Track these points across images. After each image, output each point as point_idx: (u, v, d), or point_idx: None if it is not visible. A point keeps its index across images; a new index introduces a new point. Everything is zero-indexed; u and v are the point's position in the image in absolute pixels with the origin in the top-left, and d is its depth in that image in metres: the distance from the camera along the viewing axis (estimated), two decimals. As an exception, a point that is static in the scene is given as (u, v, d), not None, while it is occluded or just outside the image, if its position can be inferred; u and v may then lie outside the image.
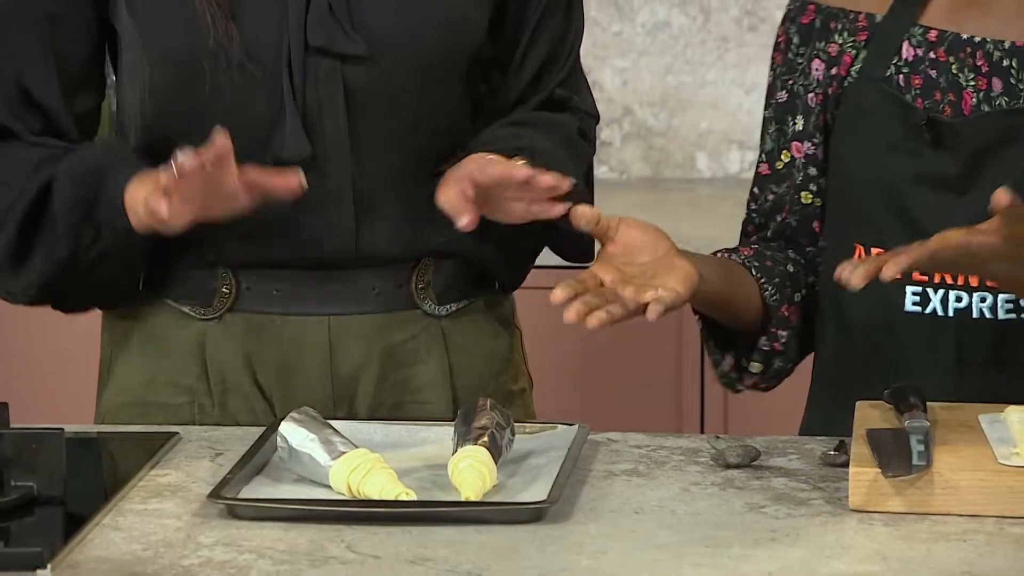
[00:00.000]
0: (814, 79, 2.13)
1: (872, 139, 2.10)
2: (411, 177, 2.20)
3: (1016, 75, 2.04)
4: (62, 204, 2.14)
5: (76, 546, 1.78)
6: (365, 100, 2.16)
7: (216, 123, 2.09)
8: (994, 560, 1.74)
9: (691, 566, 1.73)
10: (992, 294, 2.04)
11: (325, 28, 2.13)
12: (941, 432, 1.92)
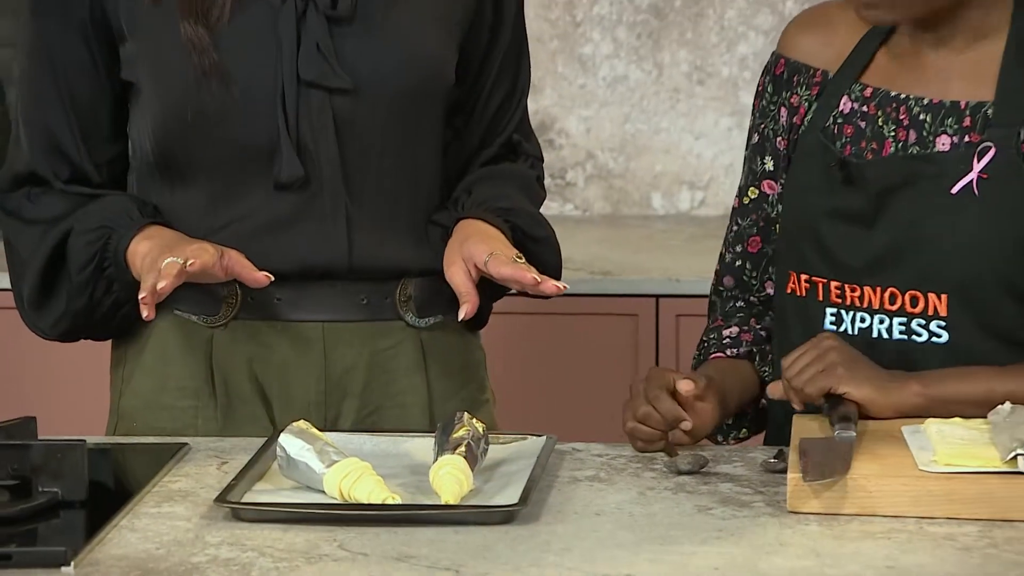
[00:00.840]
0: (781, 125, 2.14)
1: (802, 179, 2.10)
2: (397, 199, 2.20)
3: (928, 127, 2.04)
4: (75, 262, 2.14)
5: (96, 545, 1.77)
6: (353, 129, 2.16)
7: (220, 150, 2.13)
8: (915, 556, 1.74)
9: (646, 562, 1.73)
10: (889, 317, 2.04)
11: (315, 64, 2.13)
12: (868, 442, 1.92)
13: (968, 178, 2.01)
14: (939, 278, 2.02)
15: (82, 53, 2.17)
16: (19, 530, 1.81)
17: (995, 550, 1.76)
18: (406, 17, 2.16)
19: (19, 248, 2.19)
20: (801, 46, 2.14)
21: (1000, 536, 1.79)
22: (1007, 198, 2.01)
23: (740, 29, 3.43)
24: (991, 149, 2.01)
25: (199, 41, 2.12)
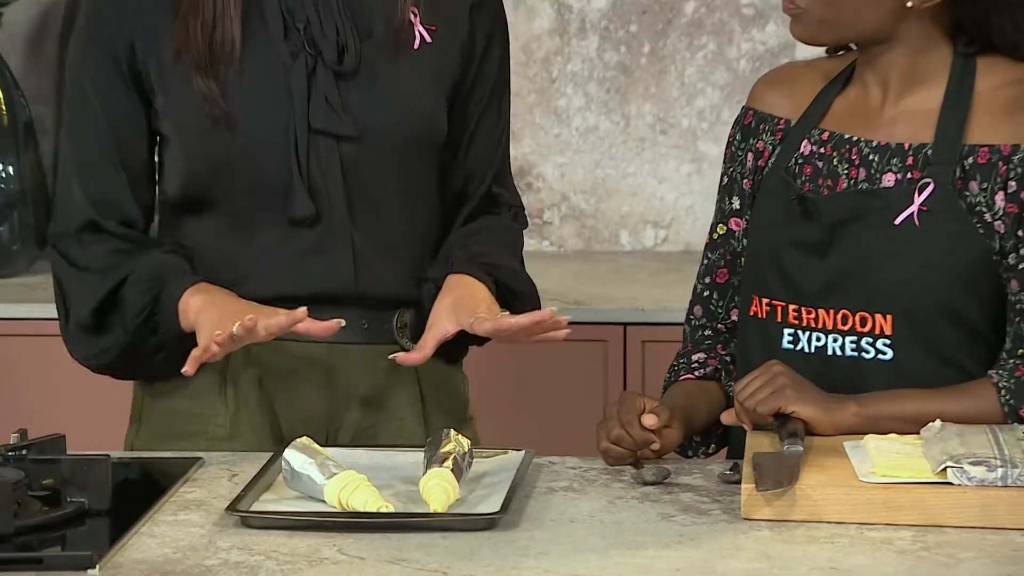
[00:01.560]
0: (748, 168, 2.14)
1: (766, 213, 2.11)
2: (398, 234, 2.19)
3: (876, 166, 2.05)
4: (129, 307, 2.12)
5: (119, 550, 1.77)
6: (358, 171, 2.15)
7: (238, 191, 2.13)
8: (856, 559, 1.74)
9: (615, 565, 1.72)
10: (841, 336, 2.04)
11: (324, 114, 2.12)
12: (814, 456, 1.91)
13: (909, 211, 2.01)
14: (885, 301, 2.02)
15: (126, 107, 2.17)
16: (49, 536, 1.81)
17: (927, 553, 1.76)
18: (404, 73, 2.16)
19: (69, 290, 2.18)
20: (767, 99, 2.15)
21: (932, 540, 1.79)
22: (945, 229, 2.01)
23: (699, 85, 3.44)
24: (930, 184, 2.01)
25: (209, 92, 2.12)
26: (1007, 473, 1.83)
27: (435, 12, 2.17)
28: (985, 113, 2.02)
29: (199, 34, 2.11)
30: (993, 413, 1.98)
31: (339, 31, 2.13)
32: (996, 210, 2.00)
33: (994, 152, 2.01)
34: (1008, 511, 1.82)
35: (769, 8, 3.38)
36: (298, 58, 2.12)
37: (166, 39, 2.13)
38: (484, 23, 2.21)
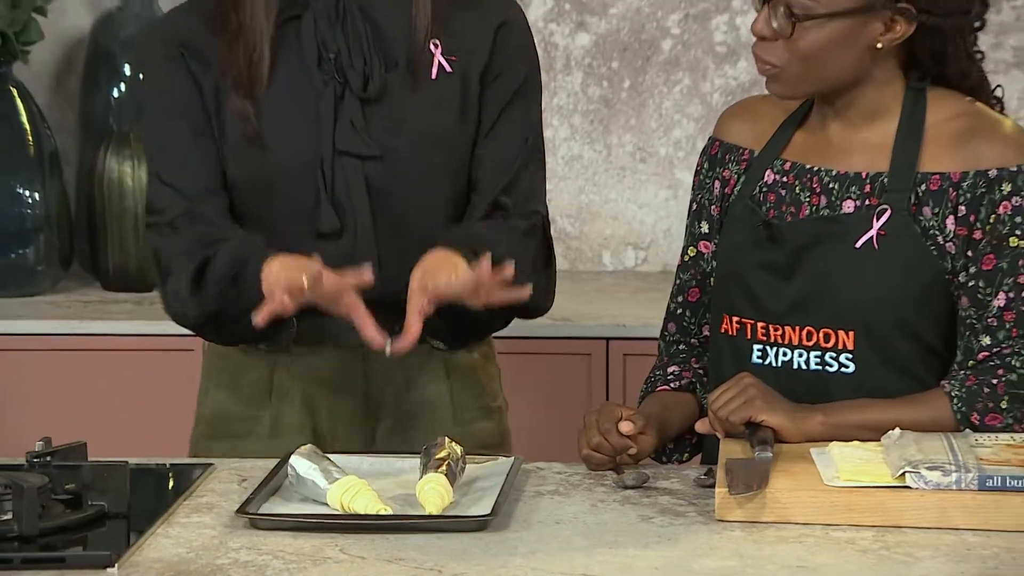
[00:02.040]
0: (715, 195, 2.14)
1: (734, 238, 2.10)
2: (417, 242, 2.15)
3: (836, 194, 2.05)
4: (218, 272, 2.10)
5: (136, 550, 1.77)
6: (381, 188, 2.15)
7: (271, 205, 2.15)
8: (821, 557, 1.74)
9: (597, 563, 1.73)
10: (806, 351, 2.04)
11: (349, 137, 2.13)
12: (783, 461, 1.91)
13: (868, 235, 2.01)
14: (846, 319, 2.02)
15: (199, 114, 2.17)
16: (72, 537, 1.80)
17: (887, 552, 1.76)
18: (423, 100, 2.16)
19: (165, 262, 2.16)
20: (732, 130, 2.15)
21: (891, 540, 1.79)
22: (901, 251, 2.01)
23: (675, 117, 3.44)
24: (887, 210, 2.01)
25: (244, 112, 2.13)
26: (961, 477, 1.83)
27: (456, 43, 2.16)
28: (935, 144, 2.03)
29: (240, 56, 2.13)
30: (947, 420, 1.98)
31: (366, 62, 2.14)
32: (947, 233, 2.01)
33: (945, 179, 2.01)
34: (962, 513, 1.82)
35: (740, 46, 3.38)
36: (328, 85, 2.14)
37: (215, 61, 2.15)
38: (509, 41, 2.19)
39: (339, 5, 2.14)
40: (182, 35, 2.17)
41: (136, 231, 3.16)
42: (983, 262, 1.99)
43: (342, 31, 2.14)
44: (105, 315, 3.05)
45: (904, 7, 1.97)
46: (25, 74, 3.28)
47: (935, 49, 2.03)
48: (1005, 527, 1.81)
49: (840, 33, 1.98)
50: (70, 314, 3.07)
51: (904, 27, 1.99)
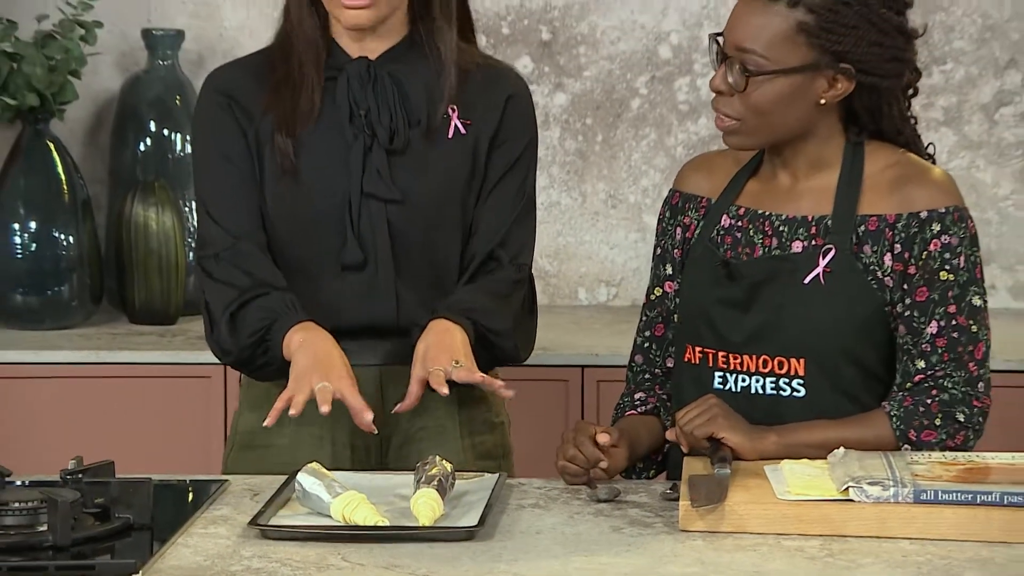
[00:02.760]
0: (677, 240, 2.14)
1: (696, 276, 2.10)
2: (431, 275, 2.19)
3: (785, 235, 2.05)
4: (248, 328, 2.13)
5: (158, 559, 1.76)
6: (400, 227, 2.17)
7: (307, 237, 2.17)
8: (774, 564, 1.74)
9: (574, 569, 1.72)
10: (762, 377, 2.04)
11: (375, 183, 2.16)
12: (740, 477, 1.91)
13: (815, 272, 2.01)
14: (798, 348, 2.02)
15: (245, 157, 2.19)
16: (101, 547, 1.80)
17: (832, 559, 1.76)
18: (440, 155, 2.18)
19: (209, 299, 2.18)
20: (691, 182, 2.15)
21: (836, 548, 1.79)
22: (845, 287, 2.01)
23: (643, 168, 3.45)
24: (832, 250, 2.02)
25: (284, 148, 2.16)
26: (898, 491, 1.83)
27: (471, 111, 2.20)
28: (873, 190, 2.03)
29: (286, 98, 2.16)
30: (887, 437, 1.99)
31: (392, 119, 2.17)
32: (885, 268, 2.01)
33: (882, 221, 2.02)
34: (899, 523, 1.82)
35: (700, 105, 3.39)
36: (358, 138, 2.17)
37: (258, 112, 2.18)
38: (513, 116, 2.22)
39: (371, 69, 2.18)
40: (229, 88, 2.20)
41: (159, 270, 3.16)
42: (917, 294, 2.00)
43: (372, 92, 2.17)
44: (131, 346, 3.05)
45: (845, 67, 1.98)
46: (61, 130, 3.28)
47: (872, 106, 2.04)
48: (937, 536, 1.81)
49: (789, 88, 1.99)
50: (100, 345, 3.07)
51: (845, 85, 2.00)
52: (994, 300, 3.35)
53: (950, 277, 1.99)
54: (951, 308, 1.99)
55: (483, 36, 3.39)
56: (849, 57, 1.97)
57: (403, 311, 2.18)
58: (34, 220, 3.15)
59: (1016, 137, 3.34)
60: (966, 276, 2.00)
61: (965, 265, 2.00)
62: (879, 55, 1.99)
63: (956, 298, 1.99)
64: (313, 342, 2.10)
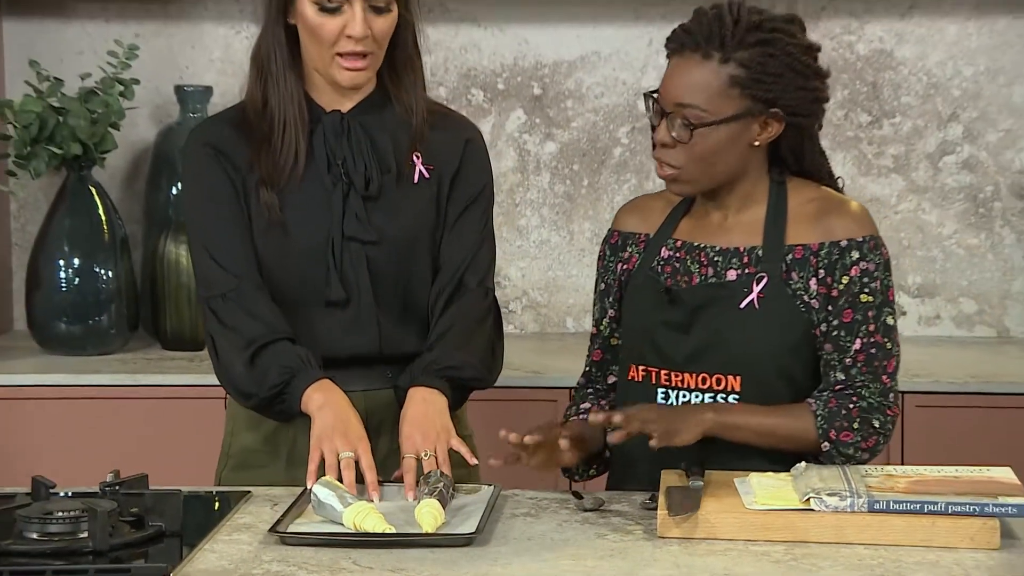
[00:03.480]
0: (617, 275, 2.14)
1: (640, 302, 2.10)
2: (407, 308, 2.18)
3: (720, 265, 2.04)
4: (267, 381, 2.09)
5: (187, 562, 1.76)
6: (378, 265, 2.15)
7: (293, 277, 2.13)
8: (743, 567, 1.74)
9: (562, 572, 1.72)
10: (702, 394, 2.03)
11: (354, 226, 2.14)
12: (712, 489, 1.91)
13: (749, 298, 2.01)
14: (734, 366, 2.01)
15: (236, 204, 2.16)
16: (135, 552, 1.80)
17: (795, 562, 1.75)
18: (409, 198, 2.17)
19: (219, 344, 2.14)
20: (628, 223, 2.15)
21: (799, 552, 1.79)
22: (777, 310, 2.01)
23: (624, 209, 3.46)
24: (764, 277, 2.01)
25: (270, 201, 2.13)
26: (854, 502, 1.83)
27: (433, 157, 2.18)
28: (797, 221, 2.04)
29: (269, 156, 2.13)
30: (810, 431, 1.97)
31: (367, 167, 2.14)
32: (811, 292, 2.01)
33: (806, 250, 2.02)
34: (855, 530, 1.82)
35: (676, 152, 3.40)
36: (337, 185, 2.14)
37: (243, 164, 2.15)
38: (470, 160, 2.21)
39: (344, 121, 2.16)
40: (216, 141, 2.17)
41: (189, 301, 3.16)
42: (843, 315, 2.00)
43: (347, 142, 2.15)
44: (164, 370, 3.04)
45: (775, 111, 1.99)
46: (102, 176, 3.28)
47: (795, 146, 2.05)
48: (889, 542, 1.81)
49: (727, 136, 1.99)
50: (135, 369, 3.06)
51: (776, 127, 2.01)
52: (939, 328, 3.38)
53: (869, 299, 2.00)
54: (871, 327, 2.00)
55: (480, 91, 3.41)
56: (778, 102, 1.98)
57: (385, 340, 2.16)
58: (77, 257, 3.15)
59: (957, 183, 3.35)
60: (881, 298, 2.01)
61: (880, 288, 2.01)
62: (803, 97, 2.00)
63: (874, 318, 2.00)
64: (333, 404, 2.06)
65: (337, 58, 2.09)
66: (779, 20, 2.00)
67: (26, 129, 3.05)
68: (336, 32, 2.07)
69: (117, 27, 3.36)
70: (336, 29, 2.07)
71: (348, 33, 2.07)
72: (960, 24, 3.31)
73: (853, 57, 3.33)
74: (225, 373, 2.15)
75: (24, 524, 1.80)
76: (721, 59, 1.96)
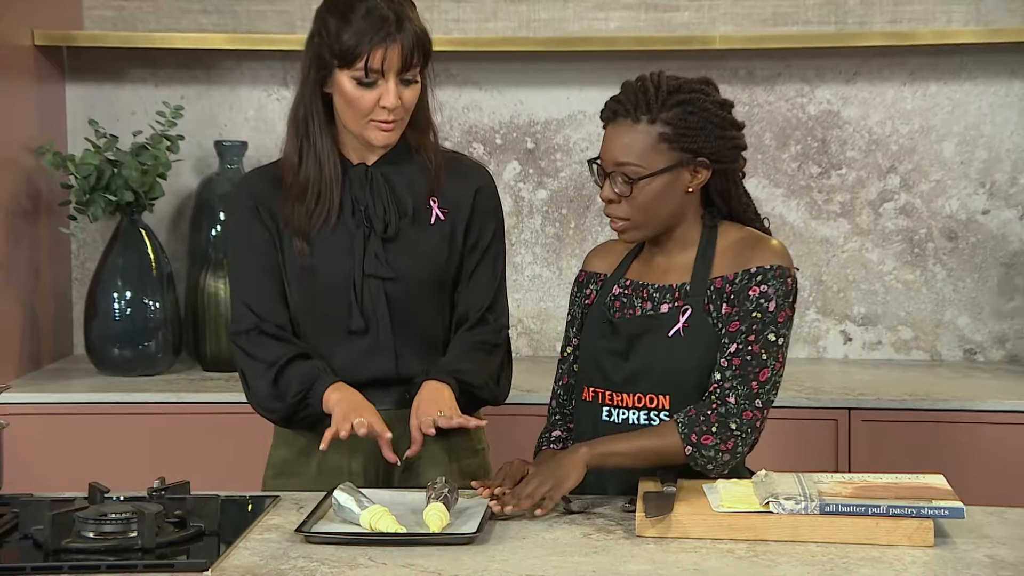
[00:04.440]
0: (581, 309, 2.14)
1: (592, 332, 2.09)
2: (422, 336, 2.17)
3: (656, 299, 2.05)
4: (292, 390, 2.11)
5: (223, 558, 1.75)
6: (395, 299, 2.15)
7: (320, 310, 2.13)
8: (711, 563, 1.73)
9: (552, 567, 1.71)
10: (638, 411, 2.02)
11: (374, 264, 2.13)
12: (684, 494, 1.91)
13: (676, 327, 2.01)
14: (663, 386, 2.01)
15: (270, 253, 2.16)
16: (179, 549, 1.79)
17: (756, 558, 1.75)
18: (425, 239, 2.16)
19: (247, 372, 2.15)
20: (593, 264, 2.15)
21: (759, 550, 1.78)
22: (699, 337, 2.00)
23: (606, 249, 3.46)
24: (689, 309, 2.02)
25: (302, 250, 2.13)
26: (807, 505, 1.83)
27: (448, 200, 2.18)
28: (722, 257, 2.04)
29: (303, 210, 2.13)
30: (676, 442, 1.95)
31: (386, 212, 2.14)
32: (723, 317, 2.01)
33: (724, 280, 2.02)
34: (808, 530, 1.81)
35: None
36: (359, 229, 2.14)
37: (279, 215, 2.15)
38: (482, 205, 2.20)
39: (368, 173, 2.16)
40: (256, 194, 2.17)
41: (226, 329, 3.15)
42: (731, 326, 2.00)
43: (370, 191, 2.15)
44: (203, 389, 3.04)
45: (702, 160, 2.00)
46: (151, 219, 3.28)
47: (723, 190, 2.06)
48: (838, 540, 1.81)
49: (664, 185, 2.00)
50: (179, 388, 3.05)
51: (704, 173, 2.01)
52: (880, 353, 3.38)
53: (758, 315, 1.99)
54: (751, 337, 1.98)
55: (481, 145, 3.42)
56: (703, 151, 1.99)
57: (401, 365, 2.16)
58: (129, 290, 3.15)
59: (896, 226, 3.36)
60: (771, 318, 1.99)
61: (774, 309, 1.99)
62: (723, 145, 2.01)
63: (757, 331, 1.98)
64: (348, 395, 2.09)
65: (373, 123, 2.10)
66: (695, 83, 2.02)
67: (85, 179, 3.06)
68: (372, 103, 2.08)
69: (165, 91, 3.37)
70: (372, 101, 2.08)
71: (383, 104, 2.08)
72: (897, 88, 3.33)
73: (805, 117, 3.34)
74: (254, 397, 2.16)
75: (81, 524, 1.80)
76: (649, 120, 1.98)
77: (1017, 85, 3.28)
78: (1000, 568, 1.71)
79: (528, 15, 3.37)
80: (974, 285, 3.33)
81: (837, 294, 3.36)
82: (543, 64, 3.36)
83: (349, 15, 2.06)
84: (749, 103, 3.31)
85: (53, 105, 3.29)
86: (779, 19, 3.30)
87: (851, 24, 3.29)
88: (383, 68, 2.06)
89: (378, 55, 2.05)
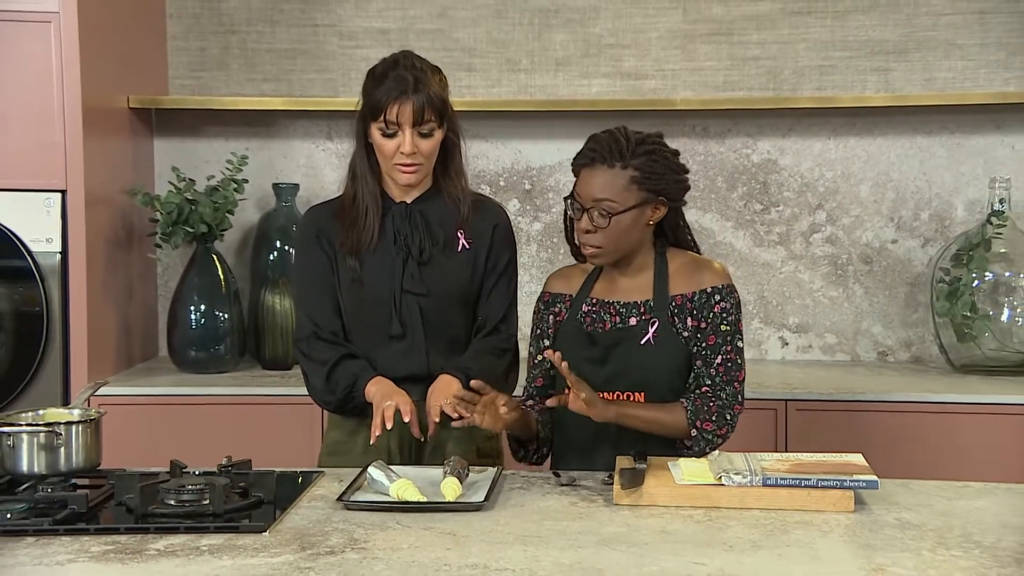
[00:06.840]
0: (549, 323, 2.13)
1: (569, 343, 2.07)
2: (450, 341, 2.17)
3: (624, 314, 2.04)
4: (340, 384, 2.12)
5: (279, 522, 1.74)
6: (427, 311, 2.15)
7: (366, 319, 2.14)
8: (674, 525, 1.72)
9: (545, 528, 1.70)
10: None
11: (411, 282, 2.14)
12: (652, 469, 1.89)
13: (647, 338, 2.01)
14: (638, 386, 2.00)
15: (328, 270, 2.17)
16: (243, 514, 1.78)
17: (711, 522, 1.74)
18: (453, 263, 2.17)
19: (307, 371, 2.17)
20: (555, 286, 2.14)
21: (714, 515, 1.77)
22: (667, 345, 2.00)
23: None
24: (656, 322, 2.01)
25: (354, 266, 2.15)
26: (752, 478, 1.82)
27: (473, 233, 2.20)
28: (677, 279, 2.04)
29: (354, 236, 2.15)
30: (683, 421, 1.96)
31: (421, 240, 2.16)
32: (688, 328, 2.01)
33: (684, 298, 2.02)
34: (753, 499, 1.80)
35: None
36: (399, 254, 2.16)
37: (336, 239, 2.16)
38: (499, 238, 2.22)
39: (407, 209, 2.18)
40: (319, 224, 2.20)
41: (283, 336, 3.16)
42: (708, 339, 2.00)
43: (408, 224, 2.17)
44: (263, 384, 3.03)
45: (662, 198, 2.01)
46: (221, 247, 3.28)
47: (672, 223, 2.07)
48: (778, 507, 1.80)
49: (632, 219, 2.00)
50: (243, 383, 3.05)
51: (663, 210, 2.02)
52: (811, 355, 3.37)
53: (727, 328, 2.00)
54: (728, 348, 2.00)
55: (487, 186, 3.42)
56: (663, 192, 2.00)
57: (431, 364, 2.16)
58: (203, 304, 3.14)
59: (823, 252, 3.36)
60: (734, 328, 2.01)
61: (733, 321, 2.01)
62: (678, 187, 2.02)
63: (729, 341, 2.00)
64: (383, 386, 2.10)
65: (396, 165, 2.13)
66: (653, 136, 2.03)
67: (169, 215, 3.06)
68: (394, 149, 2.11)
69: (233, 143, 3.38)
70: (394, 147, 2.11)
71: (401, 151, 2.11)
72: (823, 142, 3.33)
73: (749, 164, 3.35)
74: (312, 391, 2.18)
75: (165, 494, 1.80)
76: (622, 166, 1.98)
77: (919, 139, 3.30)
78: (907, 528, 1.71)
79: (526, 82, 3.38)
80: (886, 300, 3.33)
81: (776, 307, 3.36)
82: (538, 121, 3.36)
83: (382, 80, 2.11)
84: (704, 153, 3.31)
85: (143, 155, 3.30)
86: (728, 86, 3.31)
87: (786, 90, 3.31)
88: (398, 120, 2.09)
89: (394, 109, 2.08)
